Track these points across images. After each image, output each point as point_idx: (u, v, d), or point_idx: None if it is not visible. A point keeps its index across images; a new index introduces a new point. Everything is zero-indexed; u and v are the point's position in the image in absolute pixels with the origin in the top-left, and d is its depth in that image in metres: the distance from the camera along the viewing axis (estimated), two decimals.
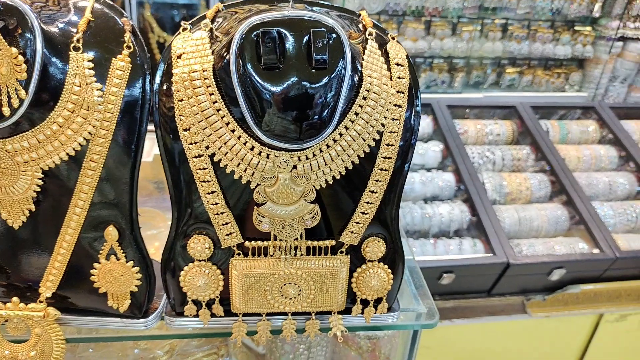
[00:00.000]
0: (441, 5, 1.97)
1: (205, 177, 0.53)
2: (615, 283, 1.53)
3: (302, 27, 0.48)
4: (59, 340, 0.59)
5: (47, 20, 0.50)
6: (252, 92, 0.48)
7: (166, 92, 0.52)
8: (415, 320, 0.70)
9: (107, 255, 0.56)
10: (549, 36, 2.08)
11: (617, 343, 1.63)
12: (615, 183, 1.74)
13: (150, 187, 1.07)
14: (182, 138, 0.51)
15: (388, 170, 0.55)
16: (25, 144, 0.50)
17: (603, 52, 2.08)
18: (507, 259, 1.41)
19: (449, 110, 1.91)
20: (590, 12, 2.06)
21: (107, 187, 0.54)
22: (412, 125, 0.56)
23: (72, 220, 0.54)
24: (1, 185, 0.52)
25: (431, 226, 1.59)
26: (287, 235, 0.56)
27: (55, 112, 0.49)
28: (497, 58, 2.13)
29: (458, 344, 1.53)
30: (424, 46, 2.02)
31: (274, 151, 0.51)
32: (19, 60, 0.46)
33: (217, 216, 0.55)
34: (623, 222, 1.65)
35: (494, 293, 1.52)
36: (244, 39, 0.47)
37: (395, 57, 0.54)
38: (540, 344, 1.59)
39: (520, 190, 1.68)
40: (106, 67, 0.51)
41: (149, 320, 0.61)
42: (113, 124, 0.52)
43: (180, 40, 0.52)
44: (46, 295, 0.57)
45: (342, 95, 0.49)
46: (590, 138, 1.92)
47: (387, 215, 0.58)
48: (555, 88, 2.18)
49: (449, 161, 1.75)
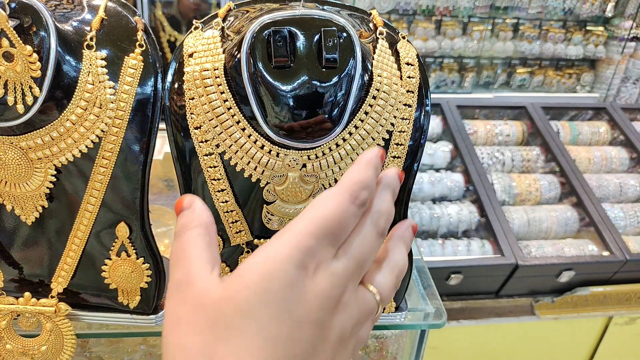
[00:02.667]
0: (452, 4, 1.96)
1: (215, 175, 0.53)
2: (625, 285, 1.52)
3: (313, 26, 0.48)
4: (70, 335, 0.60)
5: (61, 19, 0.51)
6: (262, 90, 0.48)
7: (177, 91, 0.52)
8: (423, 320, 0.70)
9: (118, 252, 0.57)
10: (560, 36, 2.07)
11: (627, 346, 1.61)
12: (626, 185, 1.73)
13: (161, 184, 1.08)
14: (192, 136, 0.52)
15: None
16: (38, 141, 0.50)
17: (615, 53, 2.06)
18: (515, 260, 1.40)
19: (459, 110, 1.90)
20: (603, 12, 2.04)
21: (119, 185, 0.54)
22: (422, 125, 0.55)
23: (84, 217, 0.55)
24: (15, 181, 0.52)
25: (439, 227, 1.58)
26: None
27: (69, 110, 0.50)
28: (508, 58, 2.12)
29: (465, 345, 1.53)
30: (434, 46, 2.01)
31: (284, 150, 0.51)
32: (34, 58, 0.46)
33: (226, 214, 0.55)
34: (633, 224, 1.63)
35: (502, 294, 1.51)
36: (255, 38, 0.47)
37: (406, 56, 0.54)
38: (549, 346, 1.58)
39: (529, 191, 1.67)
40: (119, 66, 0.52)
41: (158, 316, 0.61)
42: (125, 122, 0.52)
43: (192, 39, 0.52)
44: (58, 290, 0.58)
45: (352, 94, 0.49)
46: (602, 139, 1.90)
47: (395, 214, 0.58)
48: (567, 89, 2.16)
49: (458, 162, 1.74)
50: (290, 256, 0.30)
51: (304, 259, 0.31)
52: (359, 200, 0.34)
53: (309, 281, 0.31)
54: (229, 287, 0.30)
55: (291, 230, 0.32)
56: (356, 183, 0.34)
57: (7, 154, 0.50)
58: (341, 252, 0.33)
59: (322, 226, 0.32)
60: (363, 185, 0.34)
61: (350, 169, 0.35)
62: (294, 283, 0.30)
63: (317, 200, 0.33)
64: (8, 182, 0.52)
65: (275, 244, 0.31)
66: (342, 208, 0.33)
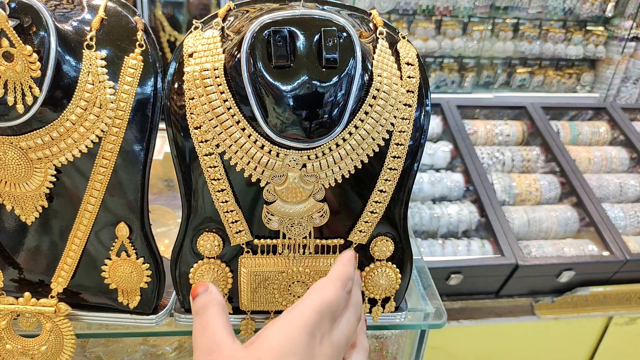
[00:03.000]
0: (452, 4, 1.96)
1: (215, 175, 0.53)
2: (625, 286, 1.52)
3: (313, 25, 0.48)
4: (70, 335, 0.60)
5: (61, 19, 0.51)
6: (262, 90, 0.48)
7: (177, 91, 0.52)
8: (423, 320, 0.70)
9: (118, 252, 0.57)
10: (560, 36, 2.07)
11: (627, 346, 1.61)
12: (626, 185, 1.73)
13: (161, 184, 1.08)
14: (192, 136, 0.52)
15: (397, 169, 0.55)
16: (38, 141, 0.50)
17: (615, 53, 2.06)
18: (515, 260, 1.40)
19: (459, 110, 1.90)
20: (603, 12, 2.04)
21: (119, 185, 0.54)
22: (422, 125, 0.55)
23: (84, 217, 0.55)
24: (15, 181, 0.52)
25: (439, 227, 1.58)
26: (296, 233, 0.56)
27: (68, 110, 0.50)
28: (508, 58, 2.12)
29: (465, 345, 1.53)
30: (434, 45, 2.01)
31: (284, 150, 0.51)
32: (34, 58, 0.46)
33: (226, 214, 0.55)
34: (634, 224, 1.63)
35: (502, 294, 1.51)
36: (255, 38, 0.47)
37: (406, 56, 0.54)
38: (549, 346, 1.58)
39: (529, 191, 1.67)
40: (119, 65, 0.52)
41: (158, 316, 0.61)
42: (125, 122, 0.52)
43: (192, 38, 0.52)
44: (57, 290, 0.58)
45: (352, 94, 0.49)
46: (602, 139, 1.90)
47: (395, 214, 0.58)
48: (567, 89, 2.16)
49: (458, 161, 1.75)
50: (305, 325, 0.40)
51: (314, 329, 0.40)
52: (348, 288, 0.46)
53: (317, 348, 0.40)
54: (254, 351, 0.38)
55: (301, 307, 0.41)
56: (346, 276, 0.47)
57: (7, 154, 0.50)
58: (335, 329, 0.44)
59: (325, 305, 0.42)
60: (350, 277, 0.47)
61: (337, 266, 0.48)
62: (308, 347, 0.39)
63: (317, 286, 0.44)
64: (8, 182, 0.52)
65: (290, 317, 0.40)
66: (337, 294, 0.44)
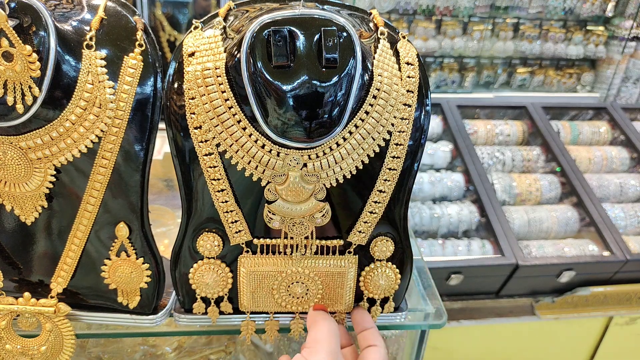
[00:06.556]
0: (452, 4, 1.96)
1: (215, 175, 0.53)
2: (626, 285, 1.51)
3: (313, 25, 0.48)
4: (70, 335, 0.60)
5: (61, 18, 0.50)
6: (262, 90, 0.48)
7: (177, 91, 0.52)
8: (423, 320, 0.70)
9: (117, 252, 0.57)
10: (560, 36, 2.07)
11: (627, 346, 1.61)
12: (626, 185, 1.72)
13: (161, 184, 1.08)
14: (192, 136, 0.52)
15: (397, 169, 0.55)
16: (38, 141, 0.50)
17: (616, 53, 2.06)
18: (516, 260, 1.40)
19: (459, 110, 1.90)
20: (603, 11, 2.04)
21: (119, 185, 0.54)
22: (422, 125, 0.55)
23: (83, 217, 0.55)
24: (15, 181, 0.52)
25: (440, 227, 1.58)
26: (297, 233, 0.56)
27: (68, 110, 0.50)
28: (508, 58, 2.12)
29: (466, 345, 1.53)
30: (435, 45, 2.01)
31: (284, 149, 0.51)
32: (33, 58, 0.46)
33: (226, 214, 0.55)
34: (634, 224, 1.63)
35: (502, 294, 1.51)
36: (255, 38, 0.47)
37: (406, 56, 0.54)
38: (549, 346, 1.58)
39: (530, 191, 1.67)
40: (118, 65, 0.51)
41: (158, 317, 0.61)
42: (125, 122, 0.52)
43: (192, 38, 0.52)
44: (57, 290, 0.58)
45: (352, 94, 0.49)
46: (602, 139, 1.90)
47: (395, 214, 0.58)
48: (567, 88, 2.16)
49: (458, 161, 1.74)
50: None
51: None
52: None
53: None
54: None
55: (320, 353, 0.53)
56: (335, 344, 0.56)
57: (6, 154, 0.50)
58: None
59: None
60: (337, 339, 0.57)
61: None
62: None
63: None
64: (8, 182, 0.52)
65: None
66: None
